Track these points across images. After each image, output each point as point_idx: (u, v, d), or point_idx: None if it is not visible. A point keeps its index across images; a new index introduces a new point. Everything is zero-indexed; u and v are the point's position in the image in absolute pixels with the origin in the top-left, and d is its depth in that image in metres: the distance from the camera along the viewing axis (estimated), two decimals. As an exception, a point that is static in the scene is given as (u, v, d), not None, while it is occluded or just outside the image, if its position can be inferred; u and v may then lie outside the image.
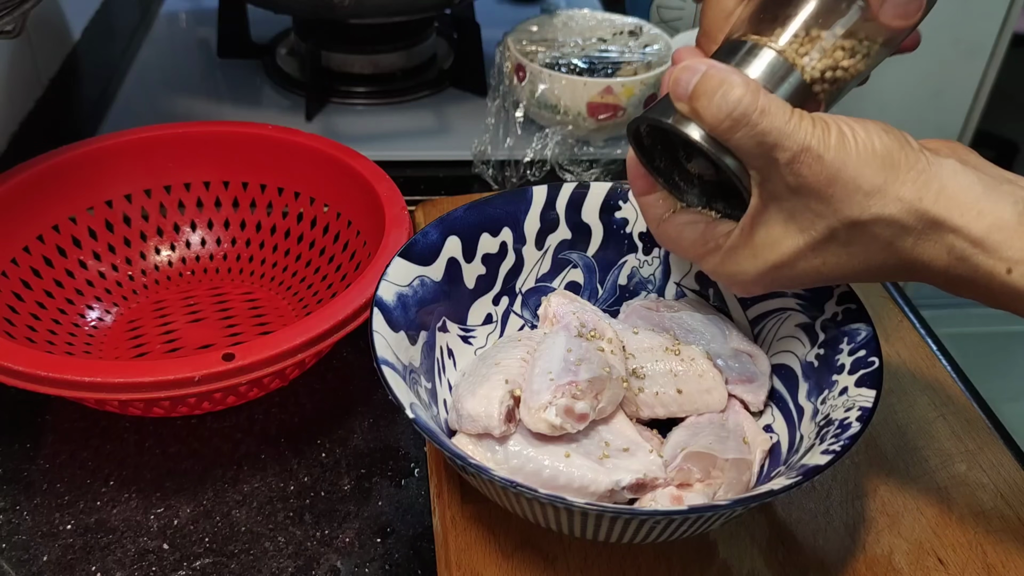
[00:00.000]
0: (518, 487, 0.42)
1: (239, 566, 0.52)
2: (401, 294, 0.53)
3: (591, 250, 0.62)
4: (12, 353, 0.53)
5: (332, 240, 0.71)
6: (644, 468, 0.48)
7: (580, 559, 0.50)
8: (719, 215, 0.49)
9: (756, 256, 0.46)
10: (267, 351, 0.54)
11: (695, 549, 0.51)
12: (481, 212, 0.59)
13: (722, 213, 0.49)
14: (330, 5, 0.81)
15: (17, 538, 0.53)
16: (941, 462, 0.57)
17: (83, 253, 0.70)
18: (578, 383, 0.49)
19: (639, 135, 0.49)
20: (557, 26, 0.91)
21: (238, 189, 0.74)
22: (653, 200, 0.52)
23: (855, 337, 0.52)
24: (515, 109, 0.85)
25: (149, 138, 0.72)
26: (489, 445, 0.50)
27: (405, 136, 0.89)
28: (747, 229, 0.46)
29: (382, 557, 0.53)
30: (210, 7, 1.03)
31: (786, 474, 0.46)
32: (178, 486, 0.57)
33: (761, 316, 0.58)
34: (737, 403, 0.55)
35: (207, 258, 0.74)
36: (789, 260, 0.45)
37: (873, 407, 0.46)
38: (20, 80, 0.89)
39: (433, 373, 0.55)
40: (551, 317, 0.58)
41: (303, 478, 0.58)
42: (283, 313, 0.70)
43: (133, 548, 0.53)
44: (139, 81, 0.96)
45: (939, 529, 0.53)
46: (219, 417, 0.61)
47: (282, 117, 0.89)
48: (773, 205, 0.44)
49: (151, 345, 0.67)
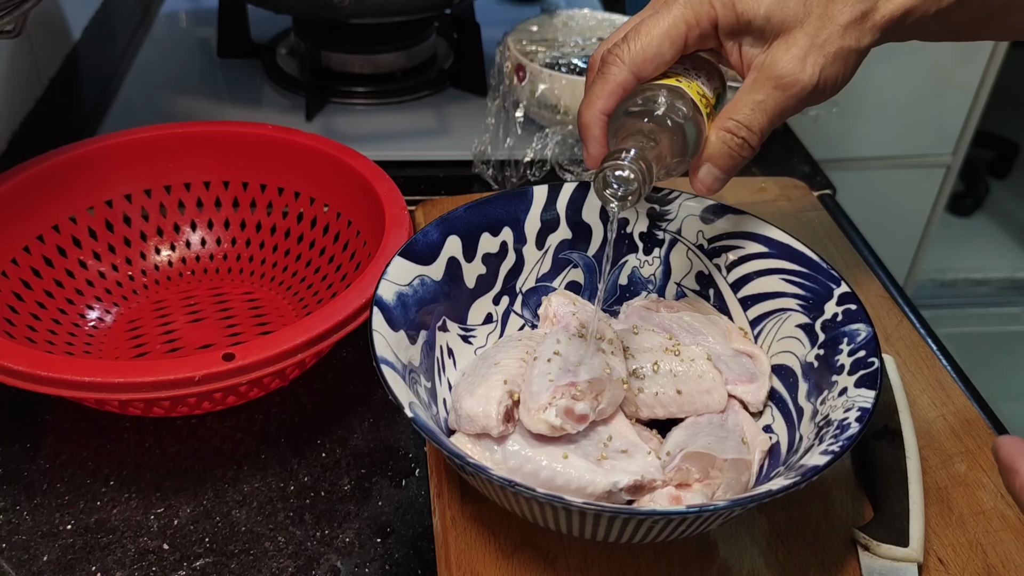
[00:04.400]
0: (516, 486, 0.42)
1: (239, 566, 0.52)
2: (401, 293, 0.53)
3: (591, 250, 0.62)
4: (12, 353, 0.53)
5: (332, 240, 0.71)
6: (642, 470, 0.48)
7: (580, 559, 0.50)
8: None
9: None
10: (267, 351, 0.54)
11: (695, 549, 0.51)
12: (481, 212, 0.59)
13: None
14: (330, 5, 0.81)
15: (17, 538, 0.53)
16: (941, 462, 0.57)
17: (83, 253, 0.70)
18: (578, 384, 0.49)
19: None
20: (557, 26, 0.91)
21: (238, 189, 0.74)
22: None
23: (855, 337, 0.52)
24: (515, 109, 0.85)
25: (149, 138, 0.72)
26: (487, 445, 0.50)
27: (405, 136, 0.89)
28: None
29: (382, 557, 0.53)
30: (210, 7, 1.03)
31: (785, 474, 0.46)
32: (178, 486, 0.57)
33: (761, 316, 0.58)
34: (737, 403, 0.55)
35: (207, 258, 0.74)
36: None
37: (872, 408, 0.46)
38: (20, 80, 0.89)
39: (433, 372, 0.55)
40: (551, 317, 0.58)
41: (303, 478, 0.58)
42: (283, 313, 0.70)
43: (133, 548, 0.53)
44: (139, 81, 0.96)
45: (939, 529, 0.53)
46: (219, 417, 0.61)
47: (282, 117, 0.89)
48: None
49: (151, 345, 0.67)
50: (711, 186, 0.53)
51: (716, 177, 0.52)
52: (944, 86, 1.44)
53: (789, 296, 0.57)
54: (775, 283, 0.58)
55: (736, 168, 0.52)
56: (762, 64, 0.50)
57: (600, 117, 0.52)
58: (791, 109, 0.51)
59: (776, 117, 0.51)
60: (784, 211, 0.78)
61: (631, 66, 0.51)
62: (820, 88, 0.50)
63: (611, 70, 0.51)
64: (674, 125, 0.50)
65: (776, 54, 0.50)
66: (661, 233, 0.62)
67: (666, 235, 0.61)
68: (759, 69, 0.51)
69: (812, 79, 0.49)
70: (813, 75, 0.49)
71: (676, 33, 0.50)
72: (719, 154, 0.52)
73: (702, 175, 0.52)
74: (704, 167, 0.52)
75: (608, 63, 0.51)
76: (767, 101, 0.50)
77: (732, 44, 0.51)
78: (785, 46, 0.50)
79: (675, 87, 0.51)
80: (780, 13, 0.49)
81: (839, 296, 0.54)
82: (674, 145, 0.50)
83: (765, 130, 0.51)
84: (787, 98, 0.50)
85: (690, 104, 0.51)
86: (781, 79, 0.50)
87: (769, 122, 0.51)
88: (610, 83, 0.51)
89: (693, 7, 0.50)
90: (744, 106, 0.51)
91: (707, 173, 0.52)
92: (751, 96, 0.51)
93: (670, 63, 0.51)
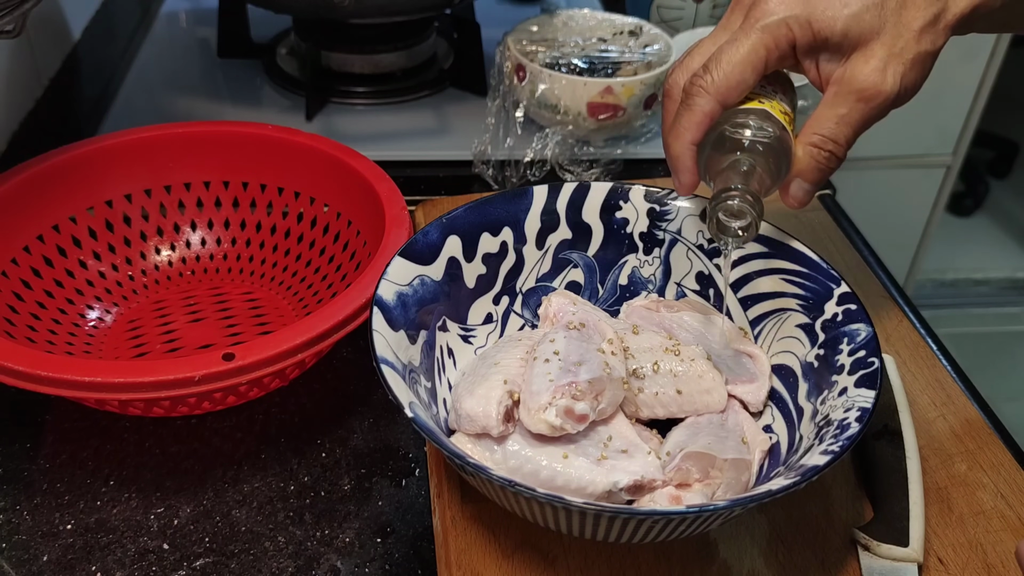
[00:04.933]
0: (516, 486, 0.42)
1: (239, 566, 0.52)
2: (401, 293, 0.53)
3: (591, 250, 0.62)
4: (12, 353, 0.53)
5: (332, 240, 0.71)
6: (642, 470, 0.48)
7: (580, 559, 0.50)
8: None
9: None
10: (267, 351, 0.54)
11: (695, 549, 0.51)
12: (481, 212, 0.59)
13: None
14: (330, 5, 0.81)
15: (17, 538, 0.53)
16: (941, 462, 0.57)
17: (83, 253, 0.70)
18: (578, 384, 0.49)
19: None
20: (557, 26, 0.91)
21: (238, 189, 0.74)
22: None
23: (855, 337, 0.52)
24: (515, 109, 0.85)
25: (149, 138, 0.72)
26: (487, 445, 0.50)
27: (405, 136, 0.89)
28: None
29: (382, 557, 0.53)
30: (210, 7, 1.03)
31: (785, 474, 0.46)
32: (178, 486, 0.57)
33: (761, 316, 0.58)
34: (737, 403, 0.55)
35: (207, 258, 0.74)
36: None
37: (872, 408, 0.46)
38: (20, 80, 0.89)
39: (433, 372, 0.55)
40: (551, 317, 0.58)
41: (303, 478, 0.58)
42: (283, 313, 0.70)
43: (133, 548, 0.53)
44: (139, 81, 0.96)
45: (939, 529, 0.53)
46: (219, 417, 0.61)
47: (282, 117, 0.89)
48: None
49: (151, 345, 0.67)
50: (803, 200, 0.54)
51: (807, 191, 0.54)
52: (944, 86, 1.44)
53: (789, 296, 0.57)
54: (775, 283, 0.58)
55: (824, 180, 0.54)
56: (842, 78, 0.51)
57: (690, 148, 0.53)
58: (874, 119, 0.52)
59: (861, 128, 0.52)
60: (784, 211, 0.78)
61: (716, 96, 0.51)
62: (902, 95, 0.51)
63: (697, 101, 0.52)
64: (766, 149, 0.51)
65: (856, 67, 0.50)
66: (661, 233, 0.62)
67: (666, 235, 0.61)
68: (839, 83, 0.51)
69: (894, 88, 0.50)
70: (895, 84, 0.50)
71: (757, 59, 0.51)
72: (808, 168, 0.53)
73: (793, 190, 0.54)
74: (795, 182, 0.53)
75: (692, 94, 0.52)
76: (851, 114, 0.51)
77: (810, 62, 0.52)
78: (864, 59, 0.50)
79: (760, 110, 0.52)
80: (857, 28, 0.50)
81: (839, 296, 0.54)
82: (770, 168, 0.52)
83: (851, 141, 0.52)
84: (870, 109, 0.51)
85: (777, 125, 0.52)
86: (864, 92, 0.50)
87: (854, 134, 0.52)
88: (697, 114, 0.52)
89: (771, 31, 0.50)
90: (828, 120, 0.51)
91: (798, 188, 0.54)
92: (834, 110, 0.51)
93: (752, 87, 0.52)
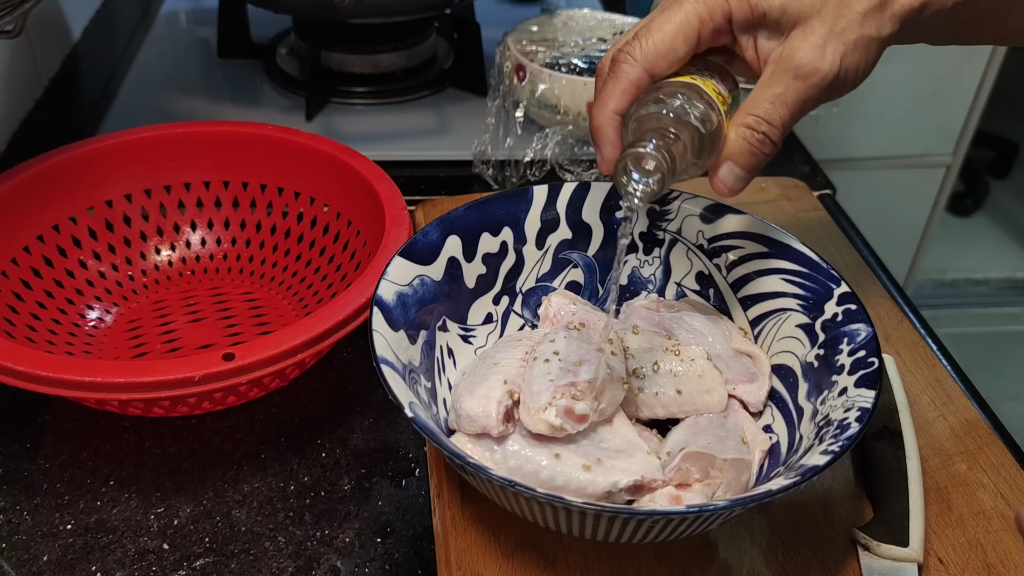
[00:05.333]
0: (516, 486, 0.42)
1: (239, 566, 0.52)
2: (401, 293, 0.53)
3: (591, 250, 0.62)
4: (12, 353, 0.53)
5: (332, 240, 0.71)
6: (642, 470, 0.48)
7: (580, 559, 0.50)
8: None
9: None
10: (267, 351, 0.54)
11: (695, 549, 0.51)
12: (481, 212, 0.59)
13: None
14: (330, 5, 0.81)
15: (17, 538, 0.53)
16: (941, 462, 0.57)
17: (83, 253, 0.70)
18: (578, 384, 0.49)
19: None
20: (557, 26, 0.91)
21: (238, 189, 0.74)
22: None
23: (855, 337, 0.52)
24: (515, 109, 0.85)
25: (149, 138, 0.72)
26: (487, 445, 0.50)
27: (405, 136, 0.89)
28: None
29: (382, 557, 0.53)
30: (210, 7, 1.03)
31: (785, 474, 0.46)
32: (178, 486, 0.57)
33: (761, 316, 0.58)
34: (737, 403, 0.56)
35: (207, 258, 0.74)
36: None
37: (872, 408, 0.46)
38: (20, 80, 0.89)
39: (433, 372, 0.55)
40: (551, 317, 0.58)
41: (303, 478, 0.58)
42: (283, 313, 0.70)
43: (133, 548, 0.53)
44: (139, 81, 0.96)
45: (939, 529, 0.53)
46: (219, 417, 0.61)
47: (282, 117, 0.89)
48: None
49: (151, 345, 0.67)
50: (733, 186, 0.50)
51: (738, 176, 0.50)
52: (944, 86, 1.44)
53: (789, 296, 0.57)
54: (775, 283, 0.58)
55: (759, 166, 0.50)
56: (779, 56, 0.49)
57: (613, 117, 0.50)
58: (812, 101, 0.49)
59: (797, 110, 0.49)
60: (784, 211, 0.78)
61: (643, 63, 0.49)
62: (841, 78, 0.48)
63: (623, 68, 0.49)
64: (693, 121, 0.48)
65: (794, 44, 0.48)
66: (661, 233, 0.62)
67: (666, 235, 0.61)
68: (776, 62, 0.49)
69: (833, 67, 0.48)
70: (834, 63, 0.48)
71: (689, 28, 0.49)
72: (740, 151, 0.49)
73: (723, 175, 0.50)
74: (725, 166, 0.50)
75: (619, 61, 0.49)
76: (787, 93, 0.48)
77: (747, 39, 0.50)
78: (803, 36, 0.48)
79: (691, 83, 0.50)
80: (796, 3, 0.48)
81: (839, 296, 0.54)
82: (693, 143, 0.48)
83: (787, 124, 0.49)
84: (807, 88, 0.48)
85: (708, 100, 0.49)
86: (800, 69, 0.48)
87: (791, 115, 0.49)
88: (622, 81, 0.49)
89: (706, 2, 0.48)
90: (763, 100, 0.49)
91: (728, 172, 0.50)
92: (770, 90, 0.49)
93: (684, 60, 0.50)
